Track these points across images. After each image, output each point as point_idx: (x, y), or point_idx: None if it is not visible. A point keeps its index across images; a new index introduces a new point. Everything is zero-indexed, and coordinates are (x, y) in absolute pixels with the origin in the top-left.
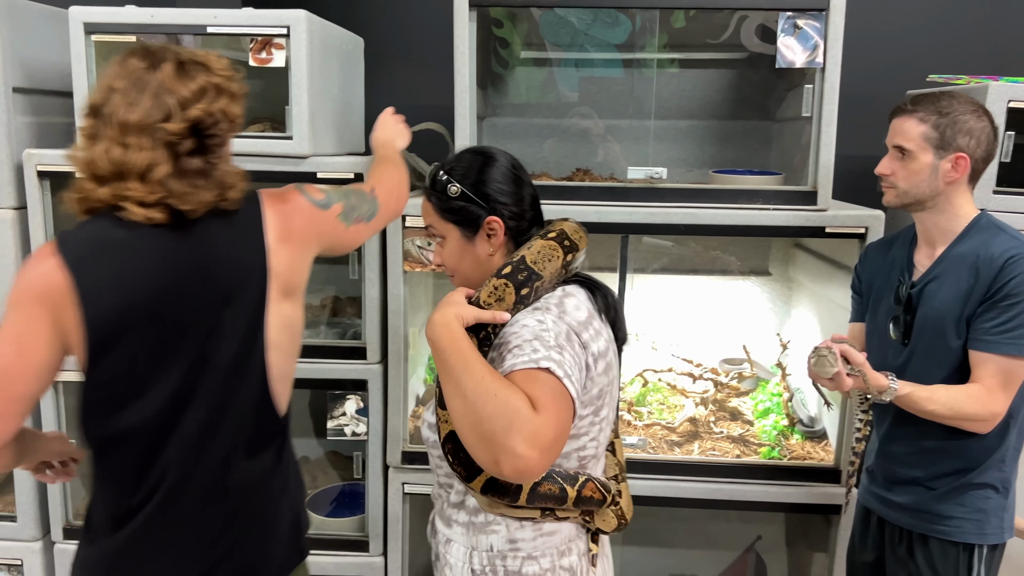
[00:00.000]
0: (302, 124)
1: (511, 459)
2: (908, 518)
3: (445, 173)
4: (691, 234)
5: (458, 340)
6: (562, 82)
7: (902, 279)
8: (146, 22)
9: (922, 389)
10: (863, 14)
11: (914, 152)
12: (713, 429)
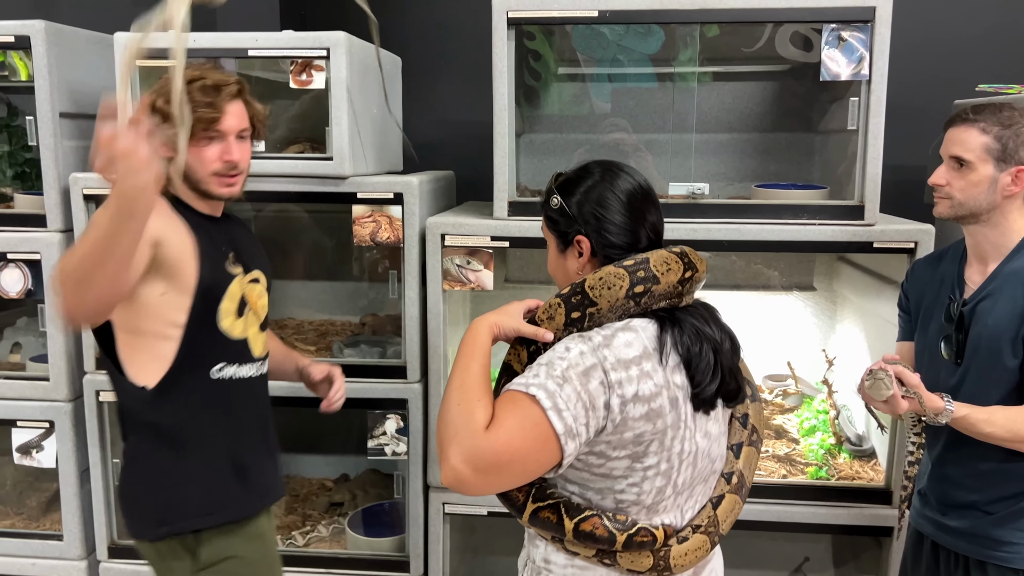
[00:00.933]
0: (342, 145)
1: (446, 468)
2: (964, 543)
3: (554, 182)
4: (734, 250)
5: (474, 345)
6: (597, 96)
7: (952, 296)
8: (191, 47)
9: (979, 411)
10: (909, 23)
11: (973, 163)
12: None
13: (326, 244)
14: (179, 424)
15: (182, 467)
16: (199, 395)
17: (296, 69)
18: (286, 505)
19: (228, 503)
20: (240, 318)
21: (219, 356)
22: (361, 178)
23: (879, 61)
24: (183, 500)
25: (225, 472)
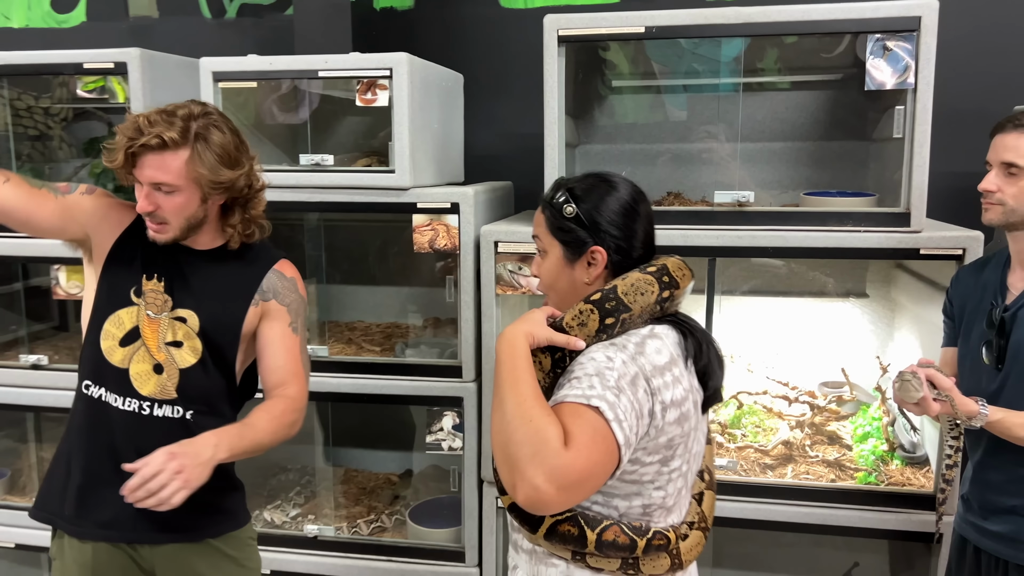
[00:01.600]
0: (403, 158)
1: (527, 488)
2: (1005, 548)
3: (566, 191)
4: (780, 257)
5: (516, 357)
6: (652, 107)
7: (995, 302)
8: (265, 69)
9: (1015, 415)
10: (962, 29)
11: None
12: (808, 453)
13: (393, 252)
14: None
15: (54, 458)
16: (78, 401)
17: (362, 88)
18: (353, 497)
19: (57, 513)
20: (124, 347)
21: (90, 373)
22: (421, 189)
23: (924, 70)
24: (41, 491)
25: (61, 483)
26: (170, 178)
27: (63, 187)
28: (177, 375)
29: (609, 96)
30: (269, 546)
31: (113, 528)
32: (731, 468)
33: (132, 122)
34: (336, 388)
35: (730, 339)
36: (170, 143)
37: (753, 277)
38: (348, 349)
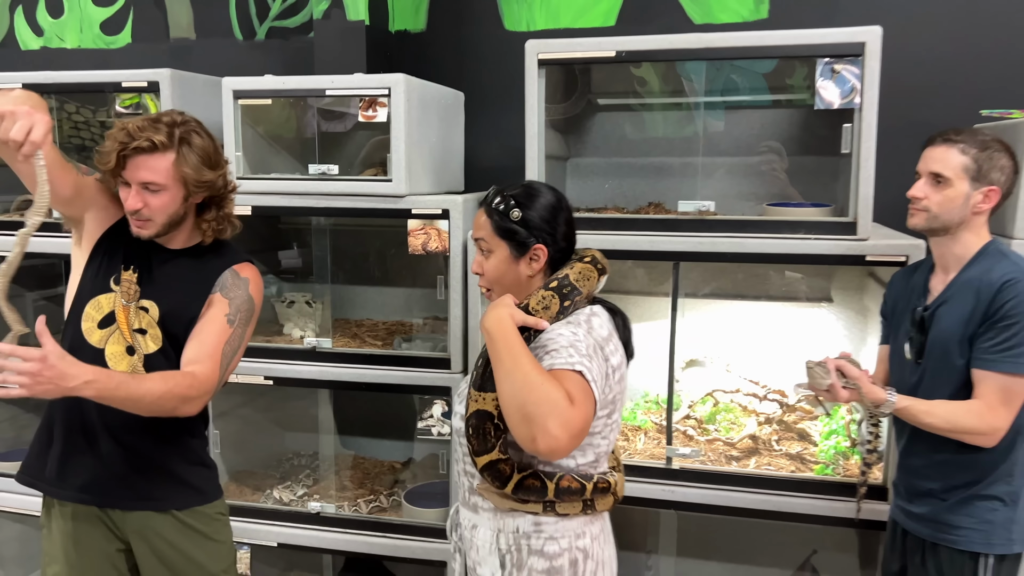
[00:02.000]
0: (400, 169)
1: (546, 438)
2: (924, 528)
3: (511, 197)
4: (738, 262)
5: (511, 335)
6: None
7: (918, 303)
8: (279, 88)
9: (921, 403)
10: (913, 50)
11: (952, 180)
12: (774, 447)
13: (395, 255)
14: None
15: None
16: None
17: (363, 105)
18: (358, 480)
19: (39, 476)
20: (101, 329)
21: (70, 351)
22: (416, 197)
23: (869, 91)
24: (26, 457)
25: (43, 448)
26: (159, 178)
27: (84, 169)
28: (142, 359)
29: (596, 113)
30: (277, 521)
31: (88, 492)
32: (694, 456)
33: (121, 128)
34: (337, 376)
35: (704, 339)
36: (159, 146)
37: (726, 281)
38: (352, 343)
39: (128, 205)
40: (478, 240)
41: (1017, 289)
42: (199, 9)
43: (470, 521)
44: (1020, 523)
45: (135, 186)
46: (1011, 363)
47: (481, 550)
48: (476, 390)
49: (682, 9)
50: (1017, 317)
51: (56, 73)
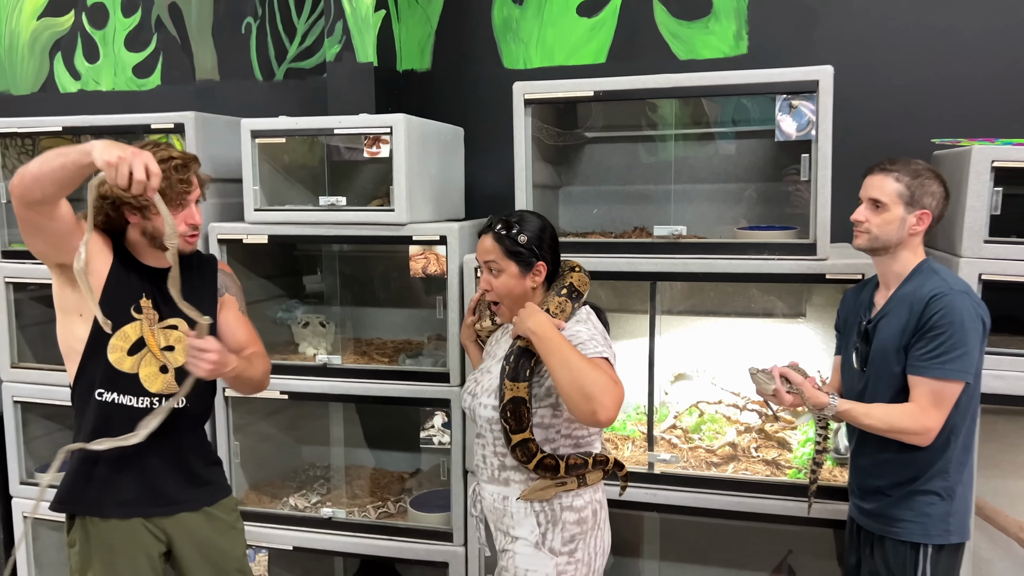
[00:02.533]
0: (401, 199)
1: (604, 411)
2: (872, 522)
3: (516, 224)
4: (709, 281)
5: (556, 333)
6: (622, 154)
7: (863, 316)
8: (292, 127)
9: (860, 406)
10: (874, 82)
11: (888, 205)
12: (752, 454)
13: (402, 279)
14: (78, 423)
15: (73, 461)
16: (91, 407)
17: (368, 143)
18: (368, 489)
19: (79, 500)
20: (132, 356)
21: (101, 383)
22: (416, 224)
23: (823, 123)
24: (61, 488)
25: (84, 476)
26: (199, 191)
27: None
28: (174, 374)
29: (585, 145)
30: (292, 526)
31: (131, 505)
32: (673, 462)
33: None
34: (347, 391)
35: (690, 354)
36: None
37: (709, 300)
38: (361, 360)
39: (193, 221)
40: (488, 262)
41: (943, 302)
42: (222, 52)
43: (500, 494)
44: (957, 515)
45: (194, 204)
46: (939, 369)
47: (516, 515)
48: (511, 381)
49: (667, 46)
50: (944, 327)
51: (92, 117)
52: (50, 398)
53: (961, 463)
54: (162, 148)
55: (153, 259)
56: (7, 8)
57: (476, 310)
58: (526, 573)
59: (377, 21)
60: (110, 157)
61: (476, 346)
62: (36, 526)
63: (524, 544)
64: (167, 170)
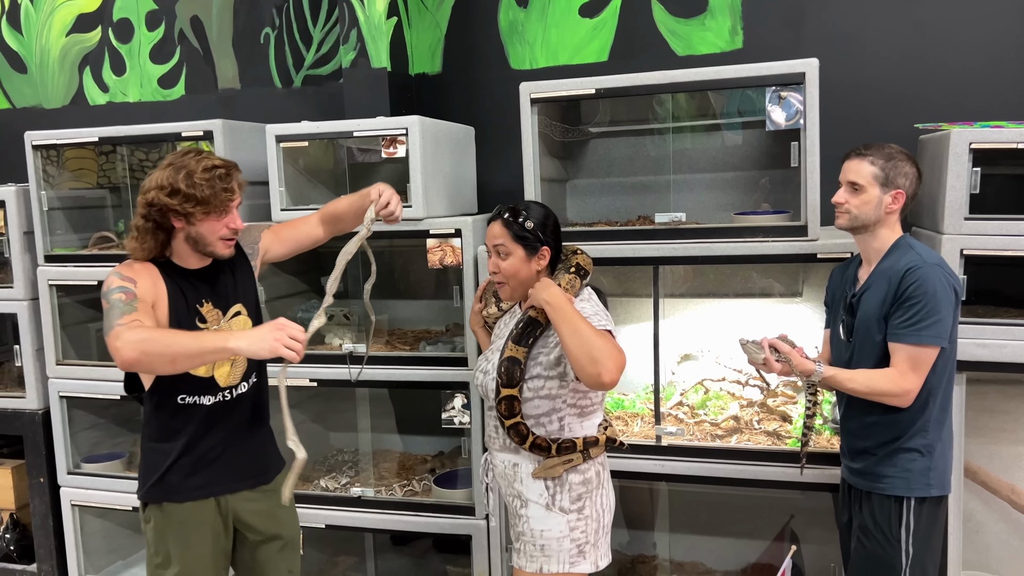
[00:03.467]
0: (417, 196)
1: (608, 373)
2: (860, 480)
3: (522, 212)
4: (707, 263)
5: (568, 305)
6: (625, 148)
7: (848, 291)
8: (314, 131)
9: (844, 372)
10: (863, 71)
11: (865, 187)
12: (755, 426)
13: (421, 271)
14: (152, 419)
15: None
16: (168, 410)
17: (385, 144)
18: (395, 471)
19: (160, 489)
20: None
21: (183, 389)
22: (432, 219)
23: (811, 112)
24: (142, 481)
25: (164, 468)
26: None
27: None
28: (244, 361)
29: (590, 140)
30: (324, 505)
31: (207, 487)
32: (679, 435)
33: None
34: (371, 377)
35: (695, 335)
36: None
37: (713, 283)
38: (384, 348)
39: (235, 226)
40: (497, 246)
41: (918, 275)
42: (243, 62)
43: (511, 461)
44: (937, 470)
45: (235, 212)
46: (915, 335)
47: (526, 480)
48: (513, 343)
49: (666, 43)
50: (919, 297)
51: (127, 127)
52: (92, 392)
53: (939, 422)
54: (204, 157)
55: (197, 261)
56: (37, 26)
57: (483, 297)
58: (542, 534)
59: (389, 28)
60: (261, 352)
61: (484, 331)
62: (83, 514)
63: (536, 507)
64: (211, 178)
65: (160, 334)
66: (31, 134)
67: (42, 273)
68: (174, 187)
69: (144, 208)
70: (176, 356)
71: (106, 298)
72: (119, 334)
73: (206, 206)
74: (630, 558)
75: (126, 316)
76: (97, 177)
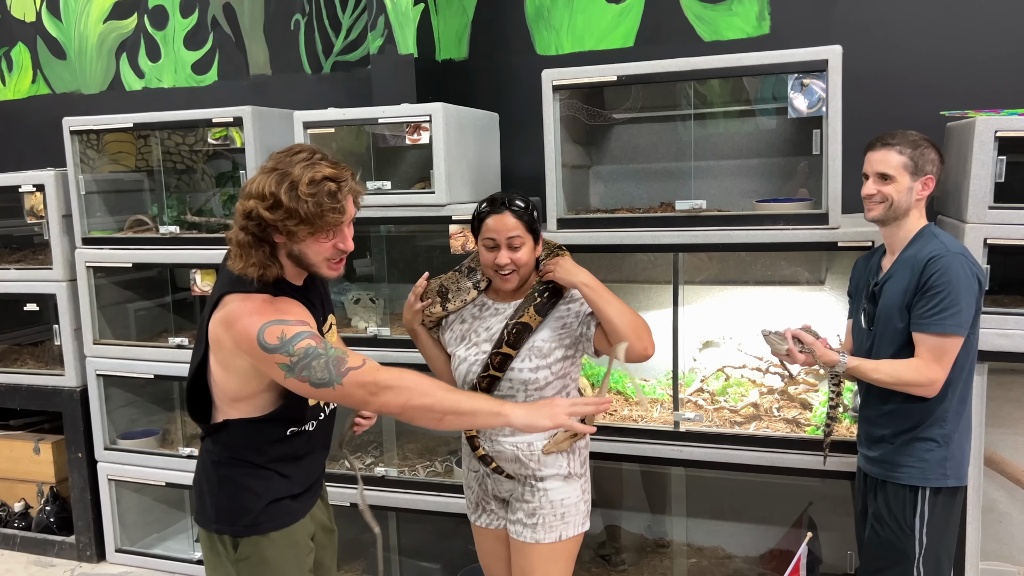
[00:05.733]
0: (440, 182)
1: (652, 346)
2: (876, 469)
3: (526, 201)
4: (728, 251)
5: (602, 285)
6: (649, 134)
7: (871, 280)
8: (340, 118)
9: (868, 362)
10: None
11: (895, 177)
12: (774, 413)
13: (444, 257)
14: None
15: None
16: (273, 443)
17: (410, 130)
18: (418, 452)
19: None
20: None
21: (296, 421)
22: (455, 205)
23: (833, 100)
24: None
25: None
26: (354, 209)
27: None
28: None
29: (614, 126)
30: (349, 484)
31: (308, 503)
32: (697, 420)
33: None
34: (394, 360)
35: (717, 322)
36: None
37: (735, 270)
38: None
39: (347, 246)
40: (512, 238)
41: (940, 264)
42: (274, 48)
43: (525, 442)
44: (953, 461)
45: (346, 227)
46: (939, 325)
47: (544, 457)
48: (536, 313)
49: (692, 29)
50: (942, 286)
51: (159, 113)
52: (128, 371)
53: (958, 413)
54: (314, 163)
55: (297, 277)
56: (76, 12)
57: (426, 295)
58: (562, 503)
59: (416, 14)
60: (539, 422)
61: (423, 330)
62: (119, 488)
63: (555, 479)
64: (317, 193)
65: (426, 384)
66: (69, 120)
67: (80, 255)
68: (276, 199)
69: (243, 219)
70: (447, 412)
71: (284, 352)
72: (378, 379)
73: (311, 226)
74: (651, 542)
75: (349, 359)
76: (135, 160)
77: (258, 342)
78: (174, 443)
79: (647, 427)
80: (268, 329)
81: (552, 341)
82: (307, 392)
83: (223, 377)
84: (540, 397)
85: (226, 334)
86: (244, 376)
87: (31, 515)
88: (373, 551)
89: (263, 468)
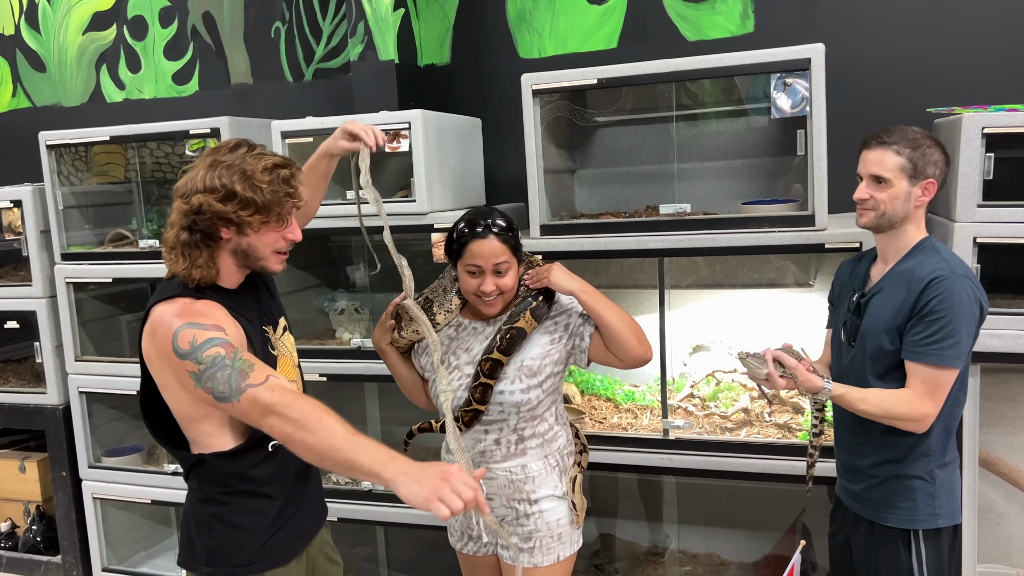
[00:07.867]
0: (421, 190)
1: (649, 350)
2: (860, 505)
3: (508, 220)
4: (713, 255)
5: (599, 293)
6: (632, 137)
7: (856, 289)
8: (319, 127)
9: (855, 391)
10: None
11: (891, 180)
12: (765, 418)
13: (428, 266)
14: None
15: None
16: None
17: (390, 137)
18: None
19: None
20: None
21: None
22: (436, 213)
23: (817, 99)
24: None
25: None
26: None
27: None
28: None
29: (598, 130)
30: (335, 498)
31: (306, 535)
32: (687, 428)
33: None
34: (379, 371)
35: (706, 326)
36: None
37: (722, 273)
38: None
39: (296, 236)
40: (499, 264)
41: (943, 286)
42: (254, 57)
43: (519, 464)
44: (942, 499)
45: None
46: (936, 356)
47: (538, 477)
48: (533, 318)
49: (676, 28)
50: (942, 312)
51: (136, 126)
52: (111, 388)
53: (944, 446)
54: (261, 154)
55: (236, 279)
56: (55, 24)
57: (395, 316)
58: (558, 523)
59: (397, 19)
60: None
61: (393, 350)
62: (105, 506)
63: (549, 500)
64: (273, 180)
65: (314, 418)
66: (45, 134)
67: (59, 271)
68: (228, 190)
69: (186, 218)
70: (325, 457)
71: (193, 358)
72: (270, 401)
73: (266, 214)
74: (645, 549)
75: (253, 373)
76: (125, 171)
77: (172, 347)
78: (159, 459)
79: (637, 435)
80: (182, 332)
81: (542, 359)
82: (213, 405)
83: (170, 399)
84: (532, 417)
85: (152, 346)
86: (184, 393)
87: (18, 535)
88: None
89: (255, 496)
